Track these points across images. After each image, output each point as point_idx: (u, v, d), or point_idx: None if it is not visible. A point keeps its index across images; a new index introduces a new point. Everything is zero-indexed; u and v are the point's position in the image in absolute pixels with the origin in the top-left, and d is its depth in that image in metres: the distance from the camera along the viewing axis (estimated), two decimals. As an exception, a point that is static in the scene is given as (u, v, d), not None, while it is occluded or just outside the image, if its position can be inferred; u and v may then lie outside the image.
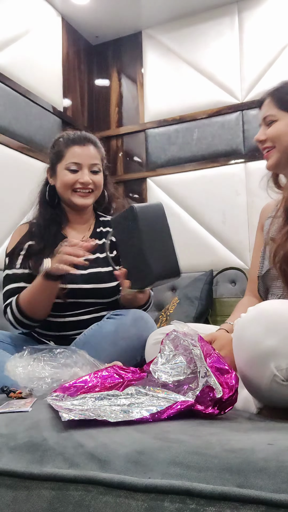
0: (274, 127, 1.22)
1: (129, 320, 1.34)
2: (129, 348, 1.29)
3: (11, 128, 2.37)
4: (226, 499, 0.51)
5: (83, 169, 1.51)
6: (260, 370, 0.79)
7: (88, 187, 1.51)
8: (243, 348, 0.84)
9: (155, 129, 2.95)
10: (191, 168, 2.80)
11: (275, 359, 0.78)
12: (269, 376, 0.78)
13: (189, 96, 2.86)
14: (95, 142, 1.57)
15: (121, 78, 3.15)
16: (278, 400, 0.82)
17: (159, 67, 2.98)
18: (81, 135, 1.56)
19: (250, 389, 0.87)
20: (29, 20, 2.56)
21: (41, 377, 1.00)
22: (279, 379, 0.78)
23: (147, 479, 0.55)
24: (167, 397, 0.81)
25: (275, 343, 0.78)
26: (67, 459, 0.62)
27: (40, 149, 2.55)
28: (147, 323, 1.36)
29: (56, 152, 1.55)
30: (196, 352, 0.85)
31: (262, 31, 2.71)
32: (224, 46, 2.80)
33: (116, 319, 1.35)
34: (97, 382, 0.90)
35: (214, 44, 2.83)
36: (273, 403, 0.84)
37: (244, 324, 0.84)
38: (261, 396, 0.84)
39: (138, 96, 3.05)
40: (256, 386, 0.83)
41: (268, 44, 2.68)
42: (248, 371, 0.83)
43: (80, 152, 1.51)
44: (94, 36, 3.11)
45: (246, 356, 0.83)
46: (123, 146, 3.04)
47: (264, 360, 0.78)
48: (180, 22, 2.93)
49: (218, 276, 2.50)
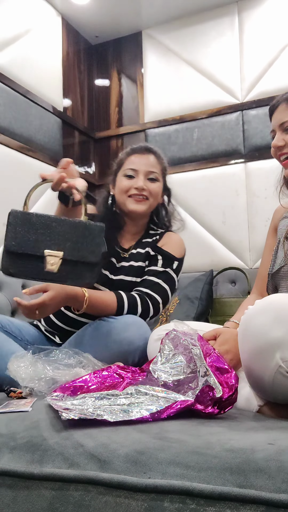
0: None
1: (121, 324, 1.32)
2: (121, 352, 1.28)
3: (11, 128, 2.37)
4: (226, 499, 0.51)
5: (139, 175, 1.53)
6: (265, 361, 0.80)
7: (143, 193, 1.52)
8: (249, 339, 0.84)
9: (155, 129, 2.95)
10: (191, 168, 2.80)
11: (281, 350, 0.78)
12: (273, 367, 0.79)
13: (189, 96, 2.86)
14: (156, 153, 1.59)
15: (121, 78, 3.15)
16: (281, 394, 0.82)
17: (159, 67, 2.98)
18: (143, 145, 1.61)
19: (253, 382, 0.87)
20: (29, 20, 2.56)
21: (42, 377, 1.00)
22: (283, 371, 0.78)
23: (147, 479, 0.55)
24: (167, 396, 0.81)
25: (282, 334, 0.78)
26: (67, 459, 0.62)
27: (40, 149, 2.55)
28: (139, 328, 1.33)
29: (118, 162, 1.61)
30: (196, 351, 0.85)
31: (262, 31, 2.71)
32: (224, 46, 2.80)
33: (109, 322, 1.34)
34: (97, 382, 0.89)
35: (214, 44, 2.82)
36: (275, 398, 0.84)
37: (251, 315, 0.84)
38: (264, 389, 0.84)
39: (138, 96, 3.05)
40: (259, 378, 0.83)
41: (268, 44, 2.68)
42: (252, 362, 0.84)
43: (139, 159, 1.55)
44: (94, 36, 3.11)
45: (251, 347, 0.83)
46: (123, 146, 3.04)
47: (270, 350, 0.79)
48: (180, 22, 2.93)
49: (218, 276, 2.50)
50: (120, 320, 1.34)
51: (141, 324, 1.35)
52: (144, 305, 1.41)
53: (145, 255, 1.54)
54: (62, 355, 1.10)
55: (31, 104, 2.53)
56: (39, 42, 2.64)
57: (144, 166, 1.54)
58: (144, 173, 1.53)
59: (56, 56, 2.82)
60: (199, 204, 2.74)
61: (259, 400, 0.89)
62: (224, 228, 2.68)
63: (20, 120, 2.44)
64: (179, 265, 1.55)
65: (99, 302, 1.35)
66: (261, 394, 0.87)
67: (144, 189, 1.51)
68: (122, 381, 0.90)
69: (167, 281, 1.49)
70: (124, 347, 1.28)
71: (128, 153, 1.58)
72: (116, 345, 1.28)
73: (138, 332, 1.32)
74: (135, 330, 1.32)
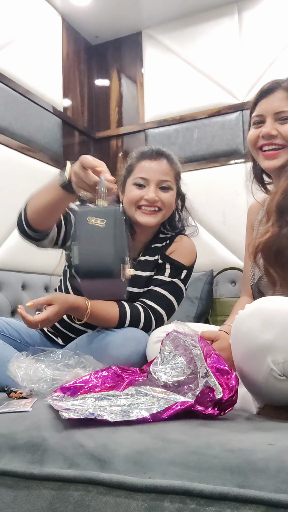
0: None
1: (120, 339, 1.26)
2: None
3: (11, 128, 2.37)
4: (226, 499, 0.51)
5: (150, 185, 1.39)
6: (257, 365, 0.79)
7: (154, 204, 1.39)
8: (240, 342, 0.84)
9: (155, 129, 2.95)
10: (191, 168, 2.80)
11: (272, 353, 0.78)
12: (265, 370, 0.78)
13: (189, 96, 2.86)
14: (169, 156, 1.45)
15: (121, 78, 3.15)
16: (275, 396, 0.82)
17: (159, 67, 2.98)
18: (154, 149, 1.45)
19: (247, 385, 0.87)
20: (29, 20, 2.56)
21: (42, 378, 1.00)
22: (275, 373, 0.78)
23: (147, 479, 0.55)
24: (167, 397, 0.81)
25: (272, 337, 0.78)
26: (67, 459, 0.62)
27: (40, 149, 2.55)
28: (138, 345, 1.26)
29: (127, 167, 1.48)
30: (196, 352, 0.85)
31: (262, 31, 2.71)
32: (224, 46, 2.80)
33: (108, 335, 1.28)
34: (97, 382, 0.90)
35: (214, 44, 2.83)
36: (271, 400, 0.84)
37: (241, 319, 0.84)
38: (259, 392, 0.84)
39: (138, 96, 3.05)
40: (253, 382, 0.83)
41: (268, 44, 2.68)
42: (245, 366, 0.83)
43: (149, 166, 1.41)
44: (94, 36, 3.11)
45: (243, 351, 0.83)
46: (123, 146, 3.04)
47: (261, 354, 0.79)
48: (180, 22, 2.93)
49: (218, 276, 2.50)
50: (119, 333, 1.28)
51: (140, 340, 1.28)
52: (147, 321, 1.34)
53: (154, 263, 1.44)
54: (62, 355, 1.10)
55: (31, 104, 2.53)
56: (39, 42, 2.64)
57: (156, 175, 1.40)
58: (155, 183, 1.39)
59: (56, 56, 2.82)
60: (199, 204, 2.73)
61: (259, 402, 0.89)
62: (224, 228, 2.68)
63: (20, 120, 2.44)
64: (188, 273, 1.45)
65: (101, 314, 1.30)
66: (256, 397, 0.88)
67: (156, 201, 1.38)
68: (122, 381, 0.90)
69: (174, 292, 1.40)
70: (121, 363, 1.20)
71: (138, 158, 1.44)
72: (111, 361, 1.20)
73: (137, 348, 1.26)
74: (134, 346, 1.26)
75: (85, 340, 1.33)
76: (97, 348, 1.27)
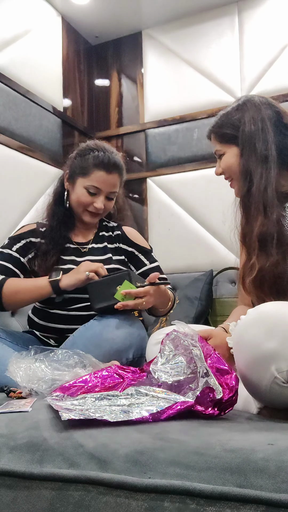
0: (223, 161, 1.32)
1: (114, 322, 1.34)
2: (113, 350, 1.29)
3: (11, 128, 2.37)
4: (226, 499, 0.51)
5: (100, 195, 1.54)
6: (261, 373, 0.79)
7: (99, 212, 1.56)
8: (244, 351, 0.84)
9: (155, 129, 2.95)
10: (191, 168, 2.80)
11: (276, 361, 0.78)
12: (269, 378, 0.78)
13: (189, 96, 2.86)
14: (121, 170, 1.59)
15: (121, 78, 3.14)
16: (278, 401, 0.82)
17: (159, 67, 2.98)
18: (111, 160, 1.54)
19: (250, 390, 0.87)
20: (29, 20, 2.56)
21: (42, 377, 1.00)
22: (279, 381, 0.78)
23: (147, 479, 0.55)
24: (167, 397, 0.81)
25: (275, 345, 0.78)
26: (67, 459, 0.62)
27: (40, 149, 2.55)
28: (132, 326, 1.36)
29: (82, 166, 1.55)
30: (196, 352, 0.85)
31: (262, 31, 2.71)
32: (224, 46, 2.80)
33: (101, 321, 1.36)
34: (97, 382, 0.89)
35: (214, 44, 2.82)
36: (274, 405, 0.84)
37: (244, 326, 0.84)
38: (262, 397, 0.84)
39: (138, 96, 3.05)
40: (256, 388, 0.83)
41: (268, 44, 2.68)
42: (248, 373, 0.83)
43: (105, 179, 1.53)
44: (94, 36, 3.11)
45: (246, 359, 0.83)
46: (123, 146, 3.04)
47: (265, 362, 0.79)
48: (180, 22, 2.93)
49: (218, 276, 2.49)
50: (114, 318, 1.36)
51: (133, 322, 1.38)
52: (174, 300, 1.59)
53: (103, 249, 1.60)
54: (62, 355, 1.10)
55: (31, 104, 2.53)
56: (39, 42, 2.64)
57: (108, 187, 1.54)
58: (105, 193, 1.55)
59: (56, 56, 2.81)
60: (199, 204, 2.74)
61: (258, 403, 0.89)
62: (224, 228, 2.66)
63: (20, 120, 2.44)
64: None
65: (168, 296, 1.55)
66: (258, 400, 0.88)
67: (102, 209, 1.55)
68: (122, 381, 0.90)
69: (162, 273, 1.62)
70: (117, 345, 1.30)
71: (96, 165, 1.53)
72: (108, 344, 1.29)
73: (131, 330, 1.34)
74: (128, 327, 1.35)
75: (81, 330, 1.39)
76: (94, 334, 1.34)
